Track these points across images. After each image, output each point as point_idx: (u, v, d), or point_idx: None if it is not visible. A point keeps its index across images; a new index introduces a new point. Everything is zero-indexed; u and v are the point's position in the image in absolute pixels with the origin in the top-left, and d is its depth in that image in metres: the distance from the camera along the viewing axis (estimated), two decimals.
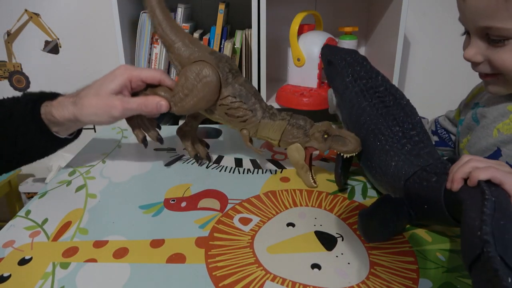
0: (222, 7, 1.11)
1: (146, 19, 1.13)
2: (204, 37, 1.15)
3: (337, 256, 0.42)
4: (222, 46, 1.15)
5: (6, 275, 0.40)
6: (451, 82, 1.43)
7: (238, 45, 1.16)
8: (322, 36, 1.03)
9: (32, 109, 0.51)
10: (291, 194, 0.55)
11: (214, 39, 1.14)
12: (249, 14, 1.06)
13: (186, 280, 0.39)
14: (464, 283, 0.38)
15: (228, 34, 1.16)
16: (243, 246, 0.44)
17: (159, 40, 0.59)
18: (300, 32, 1.05)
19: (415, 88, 1.45)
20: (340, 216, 0.50)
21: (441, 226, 0.47)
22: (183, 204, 0.53)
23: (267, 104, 0.57)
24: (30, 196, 1.60)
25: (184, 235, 0.46)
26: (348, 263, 0.41)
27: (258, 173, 0.62)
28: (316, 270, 0.40)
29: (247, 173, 0.62)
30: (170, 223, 0.49)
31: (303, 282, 0.39)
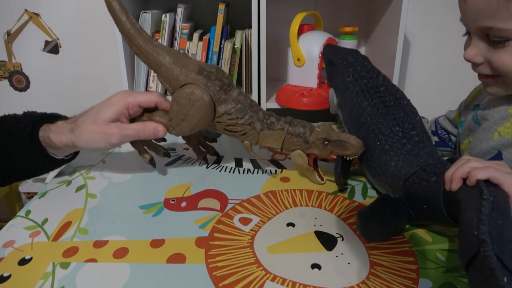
0: (222, 7, 1.10)
1: (147, 18, 1.12)
2: (204, 37, 1.14)
3: (337, 256, 0.42)
4: (222, 46, 1.15)
5: (6, 275, 0.40)
6: (451, 82, 1.42)
7: (238, 45, 1.15)
8: (322, 36, 1.03)
9: (31, 131, 0.52)
10: (291, 194, 0.55)
11: (214, 39, 1.14)
12: (249, 14, 1.06)
13: (186, 280, 0.39)
14: (464, 283, 0.38)
15: (228, 34, 1.16)
16: (243, 246, 0.44)
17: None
18: (300, 32, 1.05)
19: (415, 88, 1.45)
20: (340, 216, 0.50)
21: (440, 226, 0.47)
22: (183, 204, 0.53)
23: (265, 111, 0.56)
24: (30, 196, 1.60)
25: (184, 235, 0.46)
26: (348, 263, 0.41)
27: (258, 173, 0.62)
28: (316, 270, 0.40)
29: (247, 173, 0.62)
30: (170, 223, 0.49)
31: (303, 282, 0.39)
